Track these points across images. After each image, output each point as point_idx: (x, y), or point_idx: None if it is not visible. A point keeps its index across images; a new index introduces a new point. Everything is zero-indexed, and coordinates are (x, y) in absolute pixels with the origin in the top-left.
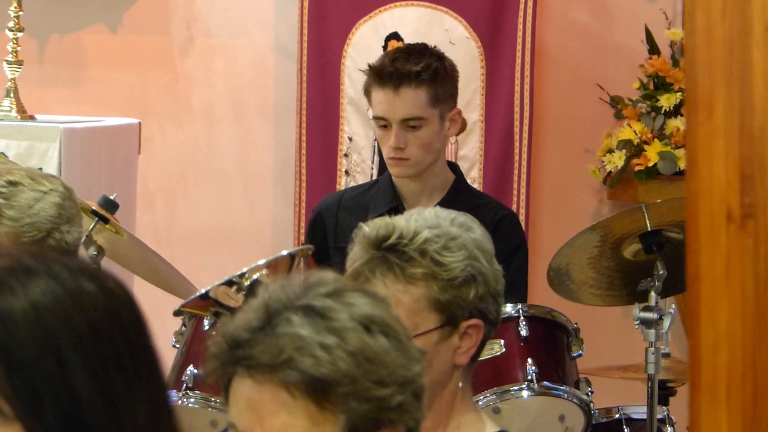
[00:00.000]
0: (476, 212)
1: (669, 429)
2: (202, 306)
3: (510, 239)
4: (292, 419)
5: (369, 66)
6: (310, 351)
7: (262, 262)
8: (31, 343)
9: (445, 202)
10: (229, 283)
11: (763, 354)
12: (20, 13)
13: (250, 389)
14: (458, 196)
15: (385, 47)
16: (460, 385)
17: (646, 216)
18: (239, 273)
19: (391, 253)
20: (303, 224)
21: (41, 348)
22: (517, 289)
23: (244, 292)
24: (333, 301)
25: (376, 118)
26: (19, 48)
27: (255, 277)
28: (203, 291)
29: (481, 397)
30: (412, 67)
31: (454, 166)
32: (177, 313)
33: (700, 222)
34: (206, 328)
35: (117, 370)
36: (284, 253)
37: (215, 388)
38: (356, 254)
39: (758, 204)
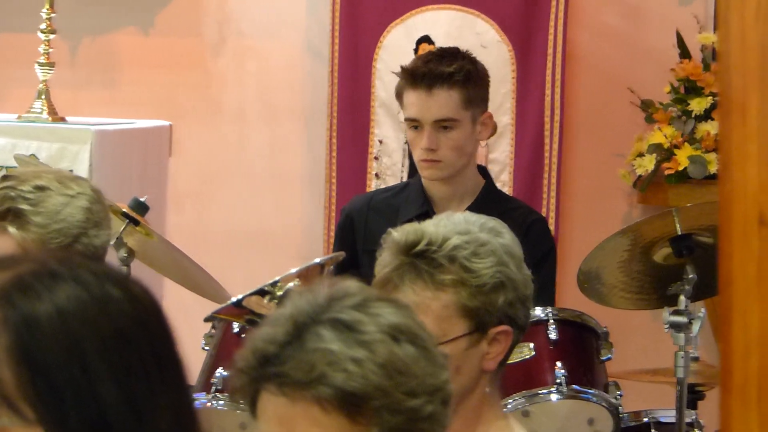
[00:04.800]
0: (506, 217)
1: None
2: (235, 313)
3: (540, 244)
4: None
5: (402, 68)
6: (342, 365)
7: (293, 270)
8: (55, 348)
9: (475, 207)
10: (262, 292)
11: None
12: (52, 15)
13: (282, 406)
14: (488, 201)
15: (416, 50)
16: (488, 390)
17: (677, 220)
18: (272, 282)
19: (420, 260)
20: (333, 227)
21: (66, 353)
22: (545, 294)
23: (276, 302)
24: (360, 313)
25: (408, 119)
26: (51, 50)
27: (288, 286)
28: (235, 299)
29: (510, 401)
30: (445, 68)
31: (484, 171)
32: (208, 319)
33: (733, 226)
34: (236, 330)
35: (141, 376)
36: (317, 261)
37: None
38: (385, 260)
39: None
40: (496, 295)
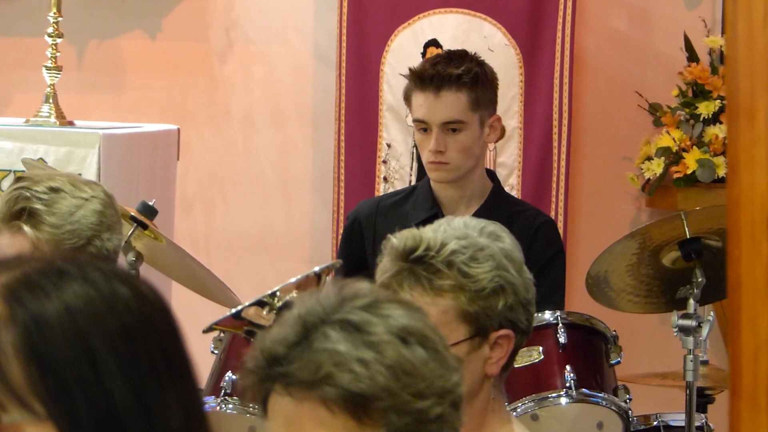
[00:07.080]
0: (515, 219)
1: None
2: (234, 324)
3: (549, 246)
4: None
5: (410, 70)
6: (348, 366)
7: (293, 280)
8: (64, 344)
9: (484, 210)
10: (260, 303)
11: None
12: (60, 19)
13: (289, 406)
14: (497, 204)
15: (423, 54)
16: (492, 396)
17: (685, 223)
18: (270, 293)
19: (418, 265)
20: (341, 230)
21: (75, 350)
22: (555, 297)
23: (275, 312)
24: (369, 314)
25: (416, 121)
26: (58, 54)
27: (287, 298)
28: (234, 311)
29: (520, 404)
30: (453, 70)
31: (491, 174)
32: (207, 330)
33: (741, 230)
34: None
35: (150, 373)
36: (315, 270)
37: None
38: (385, 266)
39: None
40: (496, 299)
